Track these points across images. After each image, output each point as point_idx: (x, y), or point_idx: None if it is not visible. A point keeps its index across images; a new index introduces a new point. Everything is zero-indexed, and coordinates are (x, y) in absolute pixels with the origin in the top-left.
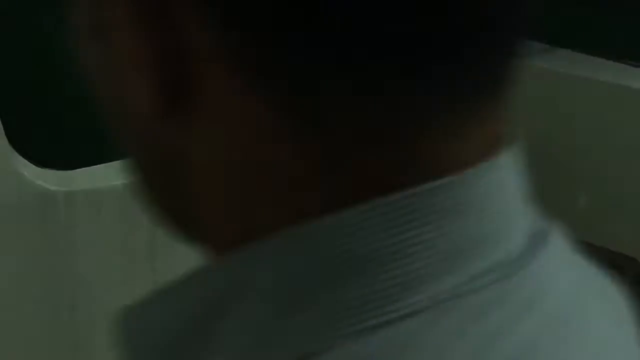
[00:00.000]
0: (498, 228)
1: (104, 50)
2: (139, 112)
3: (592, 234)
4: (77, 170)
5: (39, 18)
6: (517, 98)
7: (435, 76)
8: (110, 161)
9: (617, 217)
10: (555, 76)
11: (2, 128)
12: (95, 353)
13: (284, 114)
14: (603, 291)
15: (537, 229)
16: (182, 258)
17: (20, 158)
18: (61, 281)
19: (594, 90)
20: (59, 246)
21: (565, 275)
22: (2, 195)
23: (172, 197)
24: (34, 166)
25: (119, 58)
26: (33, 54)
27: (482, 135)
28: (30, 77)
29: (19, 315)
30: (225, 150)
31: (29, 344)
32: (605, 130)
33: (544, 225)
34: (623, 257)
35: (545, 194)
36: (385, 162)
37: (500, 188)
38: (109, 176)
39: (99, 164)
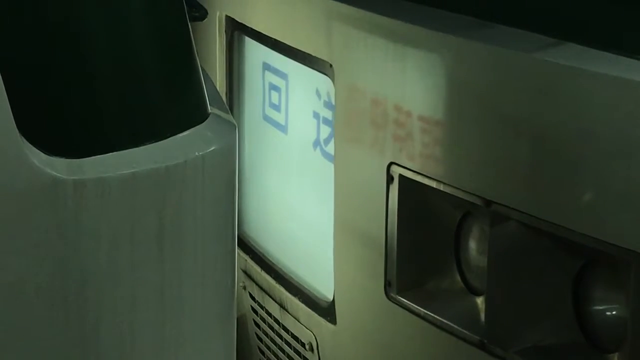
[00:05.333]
0: None
1: None
2: None
3: (598, 229)
4: (87, 158)
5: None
6: (525, 92)
7: None
8: (120, 150)
9: (623, 213)
10: (562, 70)
11: (12, 115)
12: (103, 341)
13: None
14: None
15: None
16: (190, 247)
17: (30, 145)
18: (69, 269)
19: (601, 84)
20: (67, 234)
21: None
22: (11, 183)
23: None
24: (43, 154)
25: None
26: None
27: None
28: (41, 64)
29: (26, 302)
30: None
31: (36, 330)
32: (612, 125)
33: None
34: (629, 252)
35: (550, 188)
36: None
37: None
38: (119, 165)
39: (109, 152)
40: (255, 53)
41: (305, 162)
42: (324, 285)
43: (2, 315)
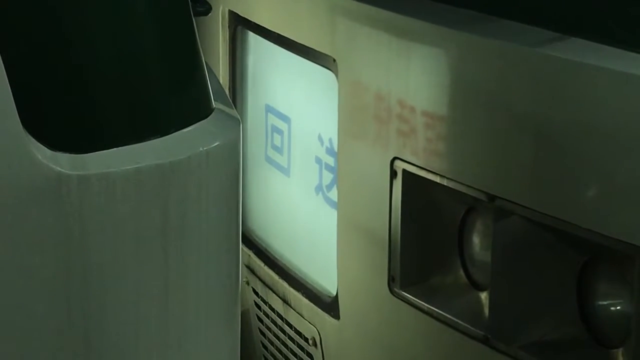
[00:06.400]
0: None
1: None
2: None
3: (602, 224)
4: (91, 153)
5: None
6: (529, 87)
7: None
8: (124, 145)
9: (627, 208)
10: (566, 65)
11: (16, 110)
12: (107, 337)
13: None
14: None
15: None
16: (195, 243)
17: (34, 140)
18: (73, 265)
19: (606, 79)
20: (71, 230)
21: None
22: (15, 178)
23: None
24: (47, 149)
25: None
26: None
27: None
28: (44, 59)
29: (29, 298)
30: None
31: (40, 326)
32: (616, 120)
33: None
34: (633, 247)
35: (554, 184)
36: None
37: None
38: (123, 160)
39: (113, 147)
40: (258, 49)
41: (308, 206)
42: (327, 280)
43: (5, 310)
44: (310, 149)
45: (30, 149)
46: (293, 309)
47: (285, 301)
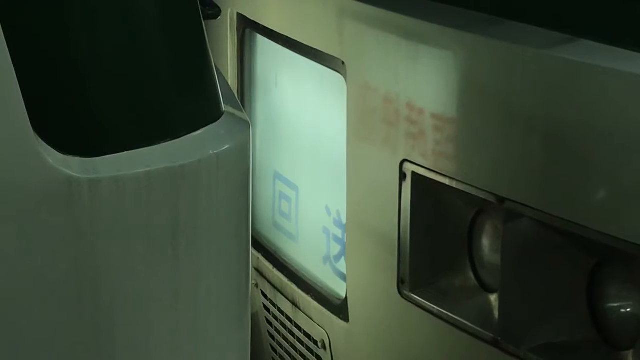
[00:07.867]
0: None
1: None
2: None
3: (612, 226)
4: (101, 157)
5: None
6: (538, 89)
7: None
8: (134, 149)
9: (637, 209)
10: (574, 67)
11: (27, 115)
12: (117, 340)
13: None
14: None
15: None
16: (205, 245)
17: (45, 144)
18: (83, 267)
19: (614, 81)
20: (82, 233)
21: None
22: (26, 182)
23: None
24: (58, 153)
25: None
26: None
27: None
28: (55, 64)
29: (40, 301)
30: None
31: (50, 328)
32: (625, 121)
33: None
34: None
35: (564, 185)
36: None
37: None
38: (133, 164)
39: (123, 151)
40: (267, 52)
41: (316, 274)
42: (336, 282)
43: (15, 313)
44: (318, 218)
45: (41, 152)
46: (302, 312)
47: (294, 304)
